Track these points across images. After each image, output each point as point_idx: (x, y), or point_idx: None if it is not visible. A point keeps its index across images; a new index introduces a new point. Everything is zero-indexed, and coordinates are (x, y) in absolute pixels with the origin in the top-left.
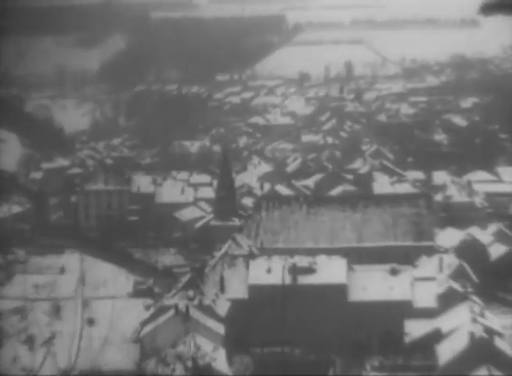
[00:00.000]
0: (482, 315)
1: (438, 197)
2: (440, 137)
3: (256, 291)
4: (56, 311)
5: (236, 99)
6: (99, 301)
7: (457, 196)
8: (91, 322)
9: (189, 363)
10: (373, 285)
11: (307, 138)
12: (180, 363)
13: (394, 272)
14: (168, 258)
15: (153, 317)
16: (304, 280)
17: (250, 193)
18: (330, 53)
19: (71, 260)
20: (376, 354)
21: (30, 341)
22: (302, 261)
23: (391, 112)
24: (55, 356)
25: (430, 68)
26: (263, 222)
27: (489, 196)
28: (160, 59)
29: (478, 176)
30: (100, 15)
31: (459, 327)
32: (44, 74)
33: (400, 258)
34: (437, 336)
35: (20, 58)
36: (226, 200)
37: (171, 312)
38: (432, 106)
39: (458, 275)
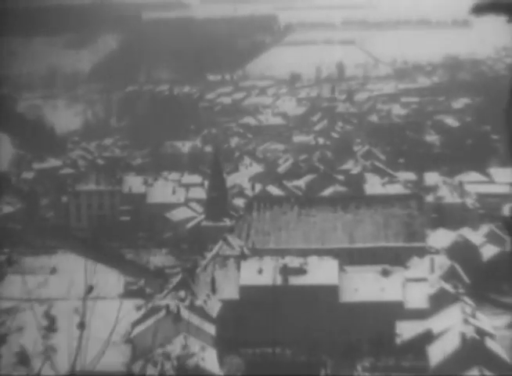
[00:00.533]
0: (474, 316)
1: (430, 198)
2: (432, 138)
3: (247, 291)
4: (48, 310)
5: (227, 100)
6: (90, 303)
7: (449, 197)
8: (82, 325)
9: (177, 363)
10: (365, 286)
11: (298, 138)
12: (169, 363)
13: (385, 273)
14: (159, 258)
15: (144, 318)
16: (296, 280)
17: (241, 193)
18: (322, 54)
19: (63, 260)
20: (368, 355)
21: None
22: (293, 262)
23: (383, 113)
24: (53, 358)
25: (422, 69)
26: (254, 223)
27: (481, 197)
28: (151, 60)
29: (470, 177)
30: (92, 15)
31: (450, 328)
32: (36, 74)
33: (391, 259)
34: (428, 337)
35: (12, 58)
36: (217, 201)
37: (162, 313)
38: (424, 106)
39: (449, 276)
